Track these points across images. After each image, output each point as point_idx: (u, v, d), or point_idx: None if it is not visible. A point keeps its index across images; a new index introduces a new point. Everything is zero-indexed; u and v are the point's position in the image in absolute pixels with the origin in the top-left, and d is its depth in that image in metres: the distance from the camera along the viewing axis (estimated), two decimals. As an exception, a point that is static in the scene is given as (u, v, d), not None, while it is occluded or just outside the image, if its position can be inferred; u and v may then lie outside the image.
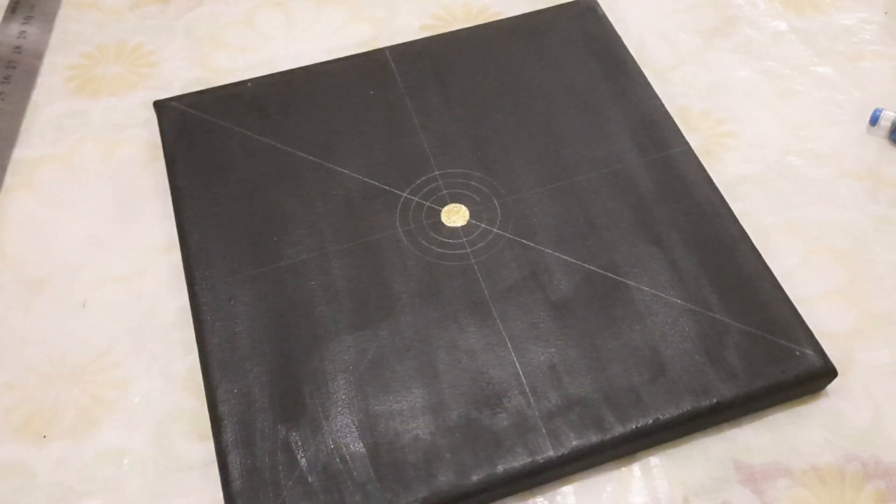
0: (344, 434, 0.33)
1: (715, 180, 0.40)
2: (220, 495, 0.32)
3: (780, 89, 0.46)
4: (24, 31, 0.50)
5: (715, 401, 0.33)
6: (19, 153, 0.44)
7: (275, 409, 0.33)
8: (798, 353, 0.34)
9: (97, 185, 0.43)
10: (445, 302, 0.36)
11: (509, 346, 0.35)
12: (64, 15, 0.51)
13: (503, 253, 0.38)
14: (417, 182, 0.40)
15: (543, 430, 0.32)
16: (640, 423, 0.32)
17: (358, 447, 0.32)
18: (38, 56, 0.49)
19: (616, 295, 0.36)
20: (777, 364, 0.34)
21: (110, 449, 0.34)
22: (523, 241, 0.38)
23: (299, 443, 0.32)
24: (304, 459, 0.32)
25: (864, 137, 0.44)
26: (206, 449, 0.34)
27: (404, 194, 0.40)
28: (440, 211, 0.39)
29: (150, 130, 0.44)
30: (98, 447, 0.34)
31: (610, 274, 0.37)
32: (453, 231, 0.39)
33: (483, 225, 0.39)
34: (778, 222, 0.41)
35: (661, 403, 0.33)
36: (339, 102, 0.44)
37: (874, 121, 0.44)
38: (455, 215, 0.39)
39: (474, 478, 0.31)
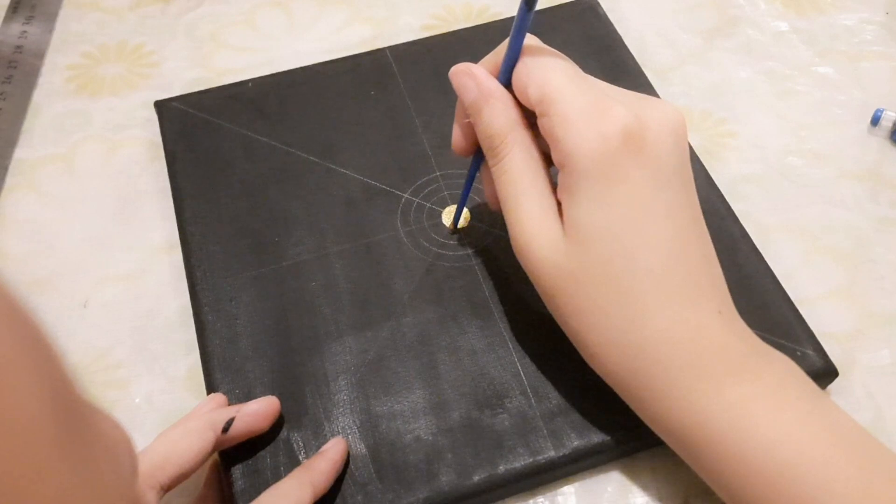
0: (345, 434, 0.33)
1: (716, 180, 0.40)
2: (223, 495, 0.32)
3: (780, 89, 0.46)
4: (25, 31, 0.50)
5: (716, 401, 0.33)
6: (20, 153, 0.44)
7: (276, 410, 0.33)
8: (799, 353, 0.34)
9: (98, 185, 0.43)
10: (446, 302, 0.36)
11: (510, 346, 0.35)
12: (65, 15, 0.51)
13: (504, 253, 0.38)
14: (418, 183, 0.40)
15: (545, 431, 0.32)
16: (641, 423, 0.32)
17: (359, 447, 0.32)
18: (40, 56, 0.49)
19: (617, 295, 0.36)
20: (778, 364, 0.34)
21: (111, 449, 0.34)
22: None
23: (301, 443, 0.32)
24: (305, 460, 0.32)
25: (865, 138, 0.44)
26: (208, 449, 0.34)
27: (405, 195, 0.40)
28: (441, 212, 0.39)
29: (150, 130, 0.44)
30: (99, 447, 0.34)
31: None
32: (454, 232, 0.39)
33: (484, 226, 0.39)
34: (779, 222, 0.41)
35: (662, 404, 0.33)
36: (339, 103, 0.44)
37: (875, 121, 0.44)
38: (456, 215, 0.39)
39: (475, 478, 0.31)
